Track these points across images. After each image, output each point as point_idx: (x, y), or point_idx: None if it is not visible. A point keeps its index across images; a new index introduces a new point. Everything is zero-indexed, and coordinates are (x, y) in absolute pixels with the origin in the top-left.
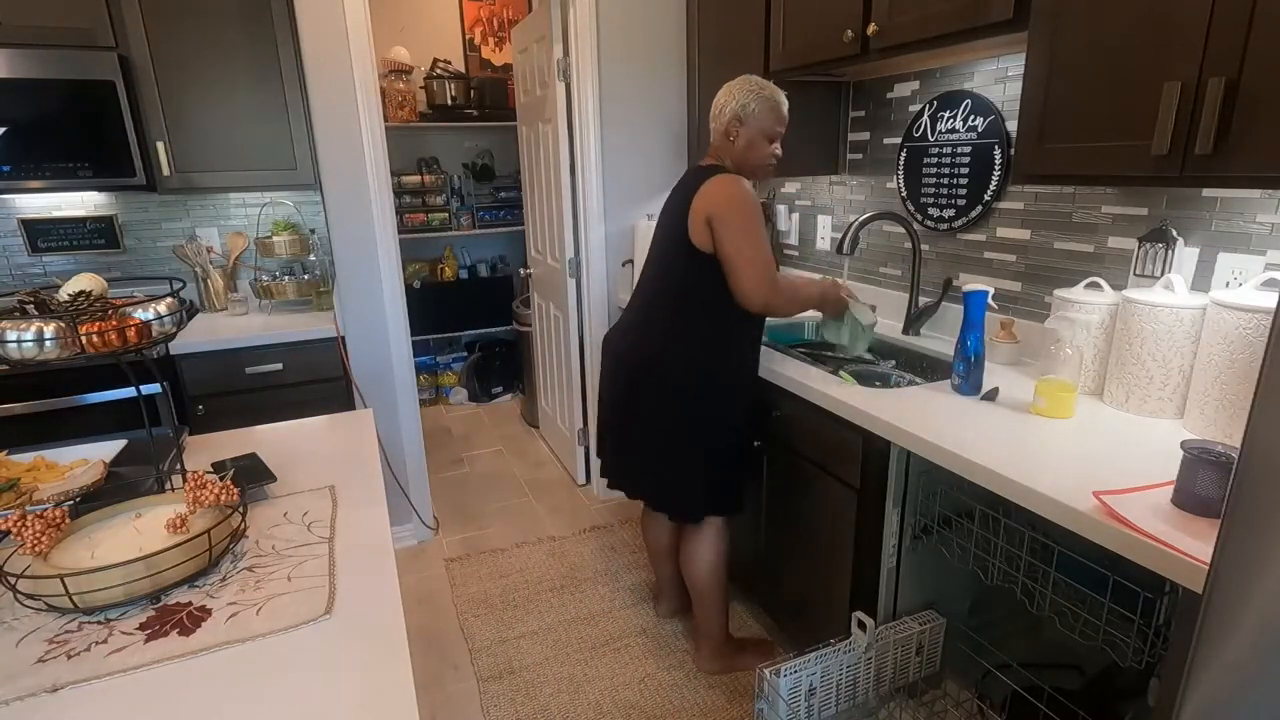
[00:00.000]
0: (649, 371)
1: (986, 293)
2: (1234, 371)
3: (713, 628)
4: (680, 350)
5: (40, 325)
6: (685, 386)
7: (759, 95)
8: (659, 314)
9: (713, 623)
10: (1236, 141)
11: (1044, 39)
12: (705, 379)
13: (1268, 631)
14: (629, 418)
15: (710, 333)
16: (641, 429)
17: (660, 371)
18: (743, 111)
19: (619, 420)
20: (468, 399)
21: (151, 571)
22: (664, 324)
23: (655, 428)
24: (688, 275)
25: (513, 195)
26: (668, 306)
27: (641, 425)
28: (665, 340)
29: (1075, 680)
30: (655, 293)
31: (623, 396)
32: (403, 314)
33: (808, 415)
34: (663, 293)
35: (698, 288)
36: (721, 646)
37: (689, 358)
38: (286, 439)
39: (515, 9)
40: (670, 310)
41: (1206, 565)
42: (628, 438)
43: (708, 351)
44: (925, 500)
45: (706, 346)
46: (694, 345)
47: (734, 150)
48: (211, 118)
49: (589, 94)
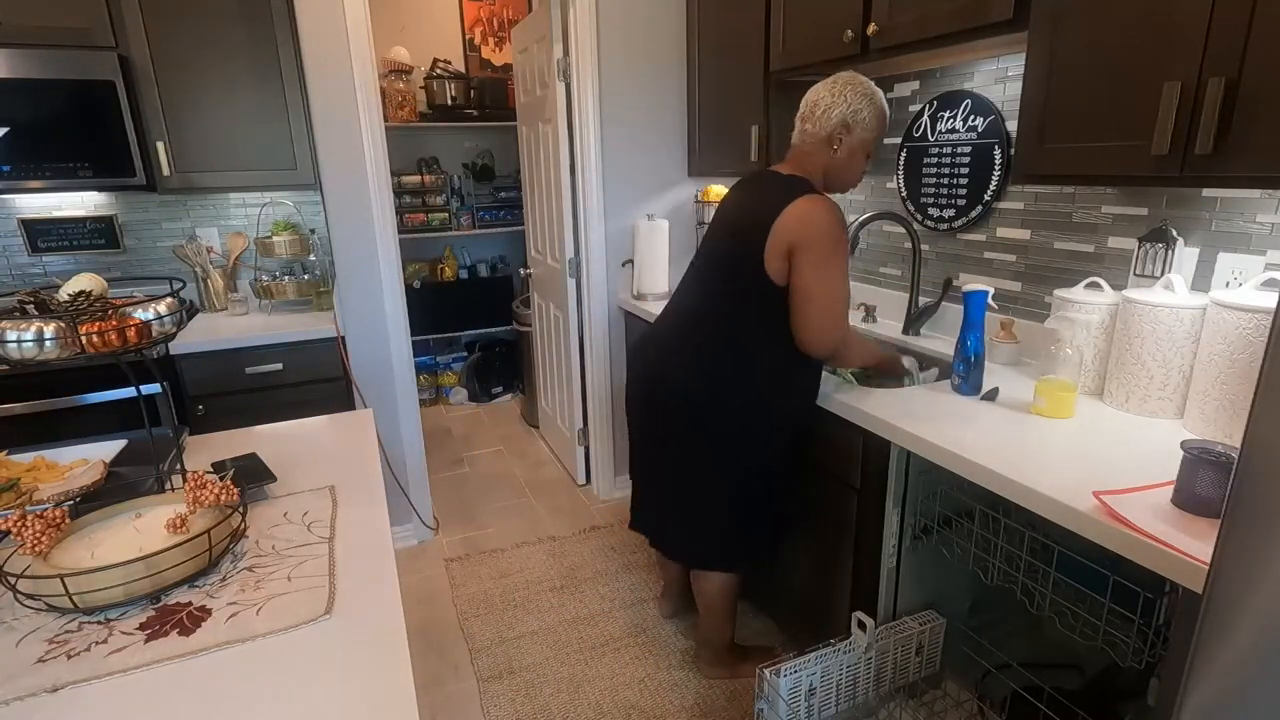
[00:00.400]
0: (689, 396)
1: (986, 293)
2: (1234, 371)
3: (718, 637)
4: (733, 385)
5: (40, 325)
6: (729, 423)
7: (872, 101)
8: (712, 337)
9: (719, 633)
10: (1236, 141)
11: (1044, 39)
12: (758, 422)
13: (1268, 631)
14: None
15: (781, 371)
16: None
17: (704, 400)
18: (853, 118)
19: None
20: (468, 399)
21: (151, 571)
22: (715, 349)
23: (686, 460)
24: (755, 302)
25: (513, 195)
26: (725, 332)
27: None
28: (717, 368)
29: (1075, 680)
30: (710, 312)
31: (653, 420)
32: (403, 314)
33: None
34: (720, 316)
35: (765, 322)
36: (724, 653)
37: (741, 395)
38: (286, 439)
39: (515, 9)
40: (728, 337)
41: (1206, 565)
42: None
43: (766, 393)
44: (925, 500)
45: (764, 387)
46: (750, 383)
47: (832, 161)
48: (211, 118)
49: (589, 94)
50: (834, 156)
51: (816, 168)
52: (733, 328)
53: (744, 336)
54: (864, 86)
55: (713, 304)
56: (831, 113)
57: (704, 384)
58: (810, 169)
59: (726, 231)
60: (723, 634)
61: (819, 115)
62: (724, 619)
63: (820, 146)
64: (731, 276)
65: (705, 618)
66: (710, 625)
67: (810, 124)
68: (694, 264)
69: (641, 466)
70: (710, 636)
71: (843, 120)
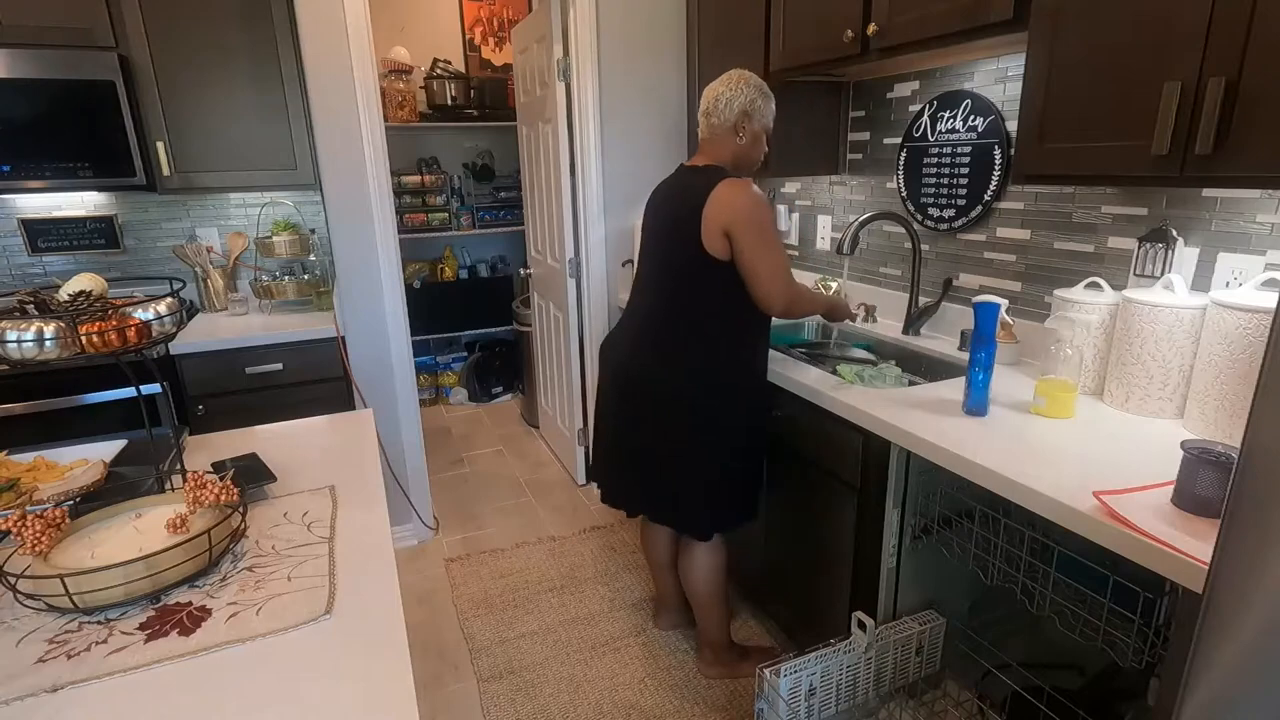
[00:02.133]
0: (661, 383)
1: (998, 306)
2: (1234, 371)
3: (715, 634)
4: (695, 360)
5: (40, 325)
6: (701, 396)
7: (762, 91)
8: (668, 323)
9: (714, 629)
10: (1236, 141)
11: (1044, 39)
12: (723, 387)
13: (1268, 631)
14: (636, 431)
15: (726, 340)
16: (652, 442)
17: (674, 382)
18: (751, 107)
19: (623, 434)
20: (468, 399)
21: (151, 571)
22: (674, 333)
23: (668, 441)
24: (701, 284)
25: (513, 195)
26: (678, 315)
27: (652, 439)
28: (677, 350)
29: (1075, 680)
30: (662, 302)
31: (630, 410)
32: (403, 314)
33: (807, 415)
34: (672, 302)
35: (712, 295)
36: (724, 653)
37: (705, 367)
38: (286, 439)
39: (515, 9)
40: (682, 319)
41: (1206, 565)
42: (634, 452)
43: (725, 359)
44: (925, 500)
45: (723, 354)
46: (710, 353)
47: (739, 148)
48: (211, 118)
49: (589, 94)
50: (739, 143)
51: (725, 156)
52: (683, 308)
53: (694, 312)
54: (755, 79)
55: (663, 293)
56: (733, 104)
57: (667, 364)
58: (720, 157)
59: (662, 225)
60: (720, 628)
61: (721, 108)
62: (716, 607)
63: (726, 136)
64: (674, 263)
65: (698, 613)
66: (705, 618)
67: (715, 117)
68: (640, 264)
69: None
70: (708, 632)
71: (743, 110)
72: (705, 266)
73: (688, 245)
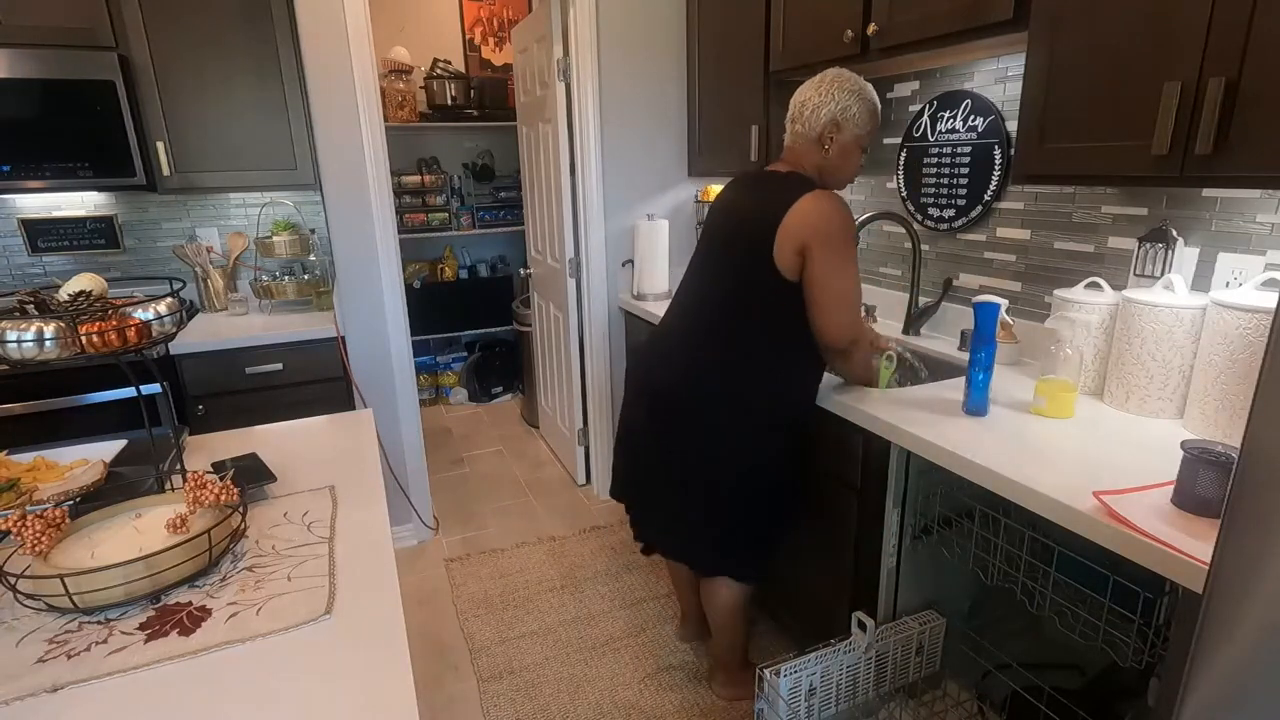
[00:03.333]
0: (703, 408)
1: (998, 306)
2: (1234, 371)
3: (729, 657)
4: (746, 386)
5: (40, 325)
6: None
7: (861, 97)
8: (717, 342)
9: (729, 652)
10: (1236, 141)
11: (1044, 39)
12: (771, 419)
13: (1268, 631)
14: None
15: (782, 367)
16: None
17: (719, 409)
18: (843, 115)
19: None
20: (468, 399)
21: (151, 571)
22: (726, 354)
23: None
24: (764, 302)
25: (513, 195)
26: (732, 333)
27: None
28: (725, 373)
29: (1075, 680)
30: (713, 317)
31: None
32: (403, 314)
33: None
34: (725, 318)
35: (774, 315)
36: (738, 673)
37: (756, 394)
38: (286, 439)
39: (515, 9)
40: (735, 338)
41: (1206, 565)
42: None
43: (778, 388)
44: (925, 500)
45: (777, 383)
46: (765, 381)
47: (825, 159)
48: (211, 118)
49: (589, 94)
50: (826, 156)
51: (811, 167)
52: (731, 324)
53: (742, 332)
54: (852, 83)
55: (713, 302)
56: (820, 112)
57: (699, 382)
58: (805, 168)
59: (727, 231)
60: (735, 651)
61: (807, 115)
62: (735, 633)
63: (811, 147)
64: (736, 274)
65: (717, 635)
66: (721, 641)
67: (800, 124)
68: (693, 266)
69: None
70: (723, 655)
71: (832, 118)
72: (770, 287)
73: (755, 258)
